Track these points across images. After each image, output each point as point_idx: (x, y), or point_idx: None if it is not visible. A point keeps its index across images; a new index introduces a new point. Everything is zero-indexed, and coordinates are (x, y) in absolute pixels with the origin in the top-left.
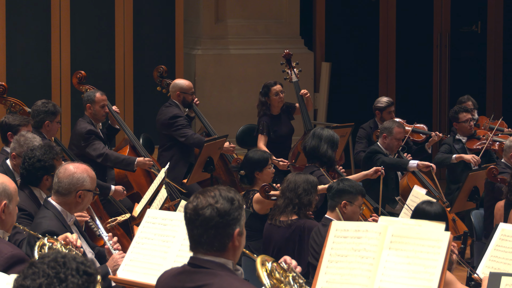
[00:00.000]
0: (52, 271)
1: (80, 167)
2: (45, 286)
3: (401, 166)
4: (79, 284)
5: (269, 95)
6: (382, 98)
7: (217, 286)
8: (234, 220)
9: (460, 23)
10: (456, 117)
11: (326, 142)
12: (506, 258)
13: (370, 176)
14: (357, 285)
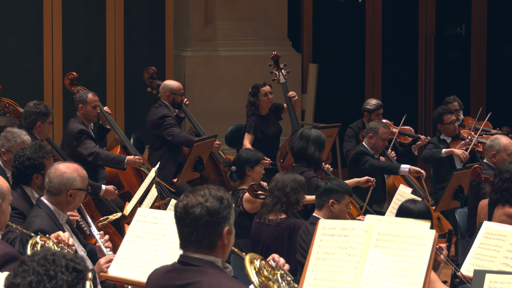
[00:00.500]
0: (42, 269)
1: (70, 166)
2: (35, 284)
3: (392, 170)
4: (69, 280)
5: (258, 95)
6: (371, 100)
7: (207, 284)
8: (223, 219)
9: (444, 25)
10: (441, 118)
11: (313, 144)
12: (490, 255)
13: (361, 184)
14: (344, 282)
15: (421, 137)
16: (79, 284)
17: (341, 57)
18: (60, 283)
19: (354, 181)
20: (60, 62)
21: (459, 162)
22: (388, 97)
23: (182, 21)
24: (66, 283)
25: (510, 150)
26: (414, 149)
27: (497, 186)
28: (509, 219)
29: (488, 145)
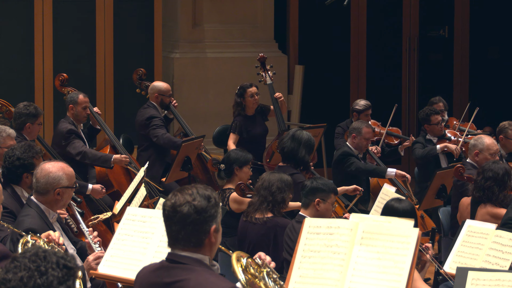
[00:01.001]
0: (33, 265)
1: (56, 165)
2: (26, 279)
3: (379, 174)
4: (59, 277)
5: (244, 96)
6: (360, 101)
7: (194, 281)
8: (210, 217)
9: (428, 27)
10: (428, 119)
11: (304, 147)
12: (473, 253)
13: (349, 192)
14: (329, 279)
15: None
16: (69, 281)
17: (326, 58)
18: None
19: (342, 189)
20: (50, 63)
21: (444, 162)
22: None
23: (170, 23)
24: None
25: (493, 149)
26: (401, 150)
27: (480, 184)
28: (492, 219)
29: (472, 144)
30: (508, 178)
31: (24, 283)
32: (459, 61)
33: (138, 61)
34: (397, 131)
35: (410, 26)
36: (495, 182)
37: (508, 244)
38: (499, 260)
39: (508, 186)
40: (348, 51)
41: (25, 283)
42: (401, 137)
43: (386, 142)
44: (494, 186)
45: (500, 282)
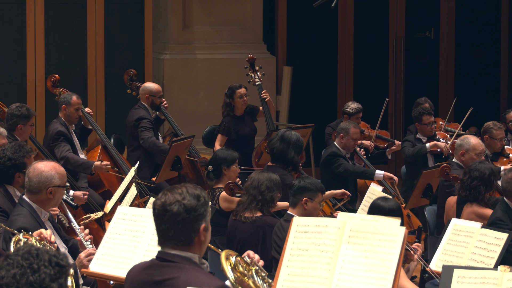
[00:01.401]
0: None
1: (48, 165)
2: (19, 276)
3: (367, 176)
4: (51, 274)
5: (233, 97)
6: (352, 103)
7: (184, 279)
8: (200, 216)
9: (414, 29)
10: (420, 118)
11: (293, 148)
12: (458, 251)
13: (337, 196)
14: (317, 277)
15: (396, 142)
16: (61, 279)
17: (314, 59)
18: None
19: (330, 193)
20: (42, 64)
21: (432, 161)
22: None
23: (160, 25)
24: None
25: (479, 150)
26: (388, 153)
27: (466, 183)
28: (478, 218)
29: (458, 144)
30: (494, 178)
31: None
32: (444, 62)
33: (129, 62)
34: (386, 134)
35: (396, 28)
36: (481, 182)
37: (493, 243)
38: (484, 258)
39: (494, 186)
40: (336, 52)
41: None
42: (390, 140)
43: (375, 144)
44: (480, 186)
45: (486, 280)
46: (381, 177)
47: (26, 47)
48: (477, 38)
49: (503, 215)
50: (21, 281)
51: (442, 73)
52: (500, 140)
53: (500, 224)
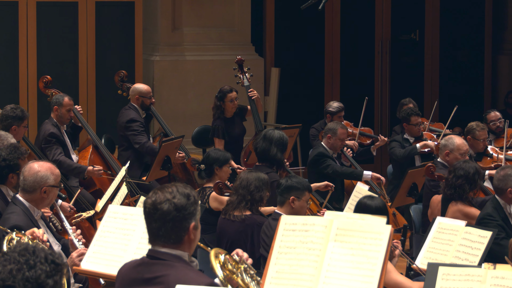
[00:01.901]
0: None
1: (44, 165)
2: (15, 271)
3: (355, 178)
4: (47, 271)
5: (224, 100)
6: (334, 103)
7: (173, 277)
8: (189, 214)
9: (399, 31)
10: (408, 118)
11: (276, 145)
12: (443, 249)
13: (321, 188)
14: (304, 275)
15: (379, 137)
16: (57, 276)
17: (301, 61)
18: (39, 272)
19: (314, 186)
20: (34, 65)
21: (419, 160)
22: (346, 99)
23: (150, 27)
24: (44, 272)
25: (463, 150)
26: (373, 150)
27: (451, 182)
28: (463, 217)
29: (443, 145)
30: (478, 177)
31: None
32: (429, 63)
33: (120, 63)
34: (369, 131)
35: (382, 30)
36: (466, 181)
37: (477, 241)
38: (469, 256)
39: (478, 185)
40: (323, 54)
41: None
42: (373, 136)
43: (358, 142)
44: (465, 185)
45: (470, 277)
46: (369, 178)
47: (19, 48)
48: (461, 40)
49: (493, 211)
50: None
51: (427, 74)
52: (483, 141)
53: (490, 219)
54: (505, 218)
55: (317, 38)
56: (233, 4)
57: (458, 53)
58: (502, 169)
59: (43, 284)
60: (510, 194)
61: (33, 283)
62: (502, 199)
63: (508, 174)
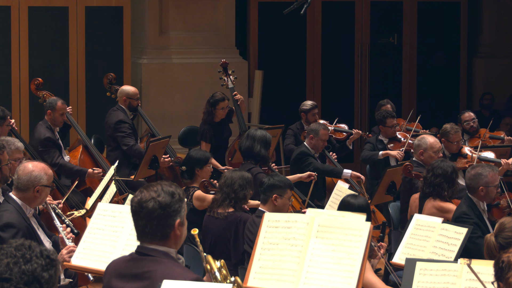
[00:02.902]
0: (18, 253)
1: (38, 166)
2: (12, 265)
3: (335, 175)
4: (43, 265)
5: (216, 107)
6: (307, 102)
7: (161, 272)
8: (174, 212)
9: (378, 35)
10: (384, 121)
11: (259, 143)
12: (420, 245)
13: (303, 179)
14: (287, 270)
15: (353, 131)
16: (51, 270)
17: (284, 64)
18: (34, 266)
19: (296, 176)
20: (26, 68)
21: (394, 160)
22: (327, 100)
23: (138, 31)
24: (40, 266)
25: (436, 147)
26: (349, 143)
27: (430, 180)
28: (438, 212)
29: (416, 144)
30: (455, 175)
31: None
32: (407, 66)
33: (108, 66)
34: (344, 127)
35: (362, 34)
36: (444, 179)
37: (453, 237)
38: (445, 252)
39: (456, 183)
40: (305, 57)
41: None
42: (347, 131)
43: (335, 138)
44: (443, 183)
45: (446, 272)
46: (349, 176)
47: (11, 51)
48: (438, 44)
49: (468, 209)
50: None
51: (405, 76)
52: (456, 143)
53: (465, 218)
54: (479, 215)
55: (299, 41)
56: (218, 9)
57: (434, 56)
58: (473, 168)
59: (38, 277)
60: (482, 192)
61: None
62: (474, 197)
63: (479, 173)
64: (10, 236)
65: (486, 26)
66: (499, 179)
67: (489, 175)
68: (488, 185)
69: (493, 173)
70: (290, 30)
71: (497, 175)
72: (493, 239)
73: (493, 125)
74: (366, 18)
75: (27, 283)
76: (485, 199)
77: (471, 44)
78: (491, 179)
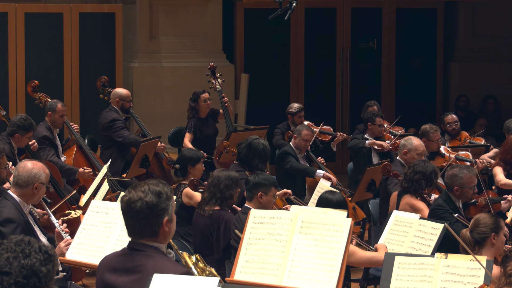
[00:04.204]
0: (18, 248)
1: (37, 164)
2: (12, 259)
3: (309, 174)
4: (41, 260)
5: (198, 101)
6: (294, 104)
7: (152, 266)
8: (162, 211)
9: (359, 40)
10: (373, 119)
11: (258, 157)
12: (399, 240)
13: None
14: (272, 264)
15: (337, 134)
16: (49, 265)
17: (269, 67)
18: (33, 260)
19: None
20: (23, 71)
21: (376, 159)
22: (310, 102)
23: (130, 36)
24: (38, 261)
25: (420, 150)
26: (333, 146)
27: (409, 176)
28: (410, 209)
29: (402, 144)
30: (435, 176)
31: (10, 262)
32: (386, 70)
33: (101, 69)
34: (329, 129)
35: (343, 39)
36: (423, 177)
37: (430, 232)
38: (423, 246)
39: (434, 183)
40: (288, 60)
41: (11, 262)
42: (332, 134)
43: (320, 139)
44: (422, 180)
45: (424, 265)
46: (321, 176)
47: (8, 55)
48: (415, 48)
49: (443, 203)
50: (14, 264)
51: (384, 80)
52: (436, 142)
53: (440, 209)
54: (455, 209)
55: (283, 46)
56: (206, 15)
57: (412, 60)
58: (452, 168)
59: (37, 272)
60: (457, 192)
61: (28, 270)
62: (451, 194)
63: (455, 173)
64: (10, 230)
65: (462, 31)
66: (476, 180)
67: (464, 177)
68: (463, 186)
69: (469, 175)
70: (275, 35)
71: (474, 177)
72: (468, 234)
73: (469, 126)
74: (347, 23)
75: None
76: (460, 198)
77: (447, 49)
78: (467, 181)
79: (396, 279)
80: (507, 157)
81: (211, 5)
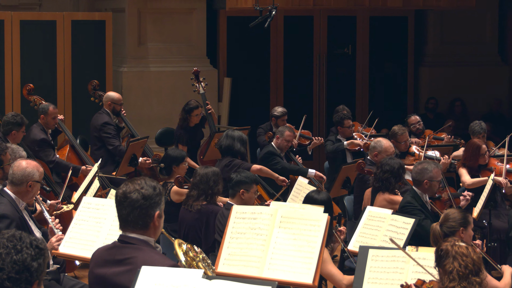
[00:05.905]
0: (10, 244)
1: (31, 163)
2: (4, 255)
3: (302, 174)
4: (32, 255)
5: (190, 114)
6: (278, 108)
7: (141, 258)
8: (155, 203)
9: (334, 46)
10: (342, 122)
11: (238, 141)
12: (372, 234)
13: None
14: (253, 257)
15: (314, 139)
16: (40, 259)
17: (250, 71)
18: (25, 256)
19: (271, 173)
20: (18, 75)
21: (350, 158)
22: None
23: (119, 42)
24: (30, 256)
25: (389, 151)
26: (309, 149)
27: (379, 176)
28: (388, 204)
29: (372, 146)
30: (402, 171)
31: (2, 258)
32: (360, 74)
33: (92, 74)
34: (308, 134)
35: (319, 45)
36: (391, 174)
37: (402, 227)
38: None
39: (402, 178)
40: (268, 65)
41: (3, 258)
42: (310, 138)
43: (298, 142)
44: (391, 178)
45: (396, 258)
46: (313, 175)
47: (4, 60)
48: (387, 54)
49: (412, 199)
50: (6, 260)
51: (358, 84)
52: (404, 143)
53: (410, 206)
54: (422, 205)
55: (263, 52)
56: (191, 22)
57: (384, 65)
58: (420, 163)
59: (28, 266)
60: (426, 185)
61: (20, 265)
62: (419, 189)
63: (425, 168)
64: (4, 226)
65: (431, 37)
66: (441, 175)
67: (433, 171)
68: (432, 179)
69: (437, 169)
70: (256, 42)
71: (440, 171)
72: (438, 228)
73: (438, 127)
74: (324, 30)
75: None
76: (428, 192)
77: (417, 54)
78: (435, 174)
79: (370, 270)
80: (470, 163)
81: (196, 13)
